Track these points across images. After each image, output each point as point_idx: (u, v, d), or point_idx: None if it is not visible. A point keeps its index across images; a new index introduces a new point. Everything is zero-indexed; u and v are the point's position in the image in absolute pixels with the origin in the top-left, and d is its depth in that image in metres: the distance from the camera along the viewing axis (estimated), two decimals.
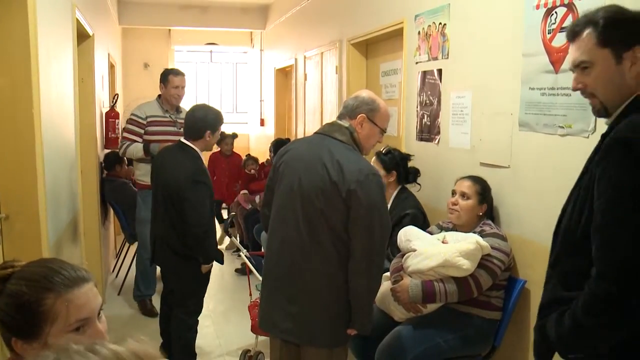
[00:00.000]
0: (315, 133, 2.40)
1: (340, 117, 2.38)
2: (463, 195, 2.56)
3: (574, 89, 1.55)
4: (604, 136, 1.48)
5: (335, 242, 2.18)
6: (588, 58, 1.46)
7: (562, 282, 1.53)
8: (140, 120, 4.21)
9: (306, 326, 2.27)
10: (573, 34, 1.49)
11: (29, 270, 1.16)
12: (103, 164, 5.02)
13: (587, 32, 1.45)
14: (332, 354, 2.30)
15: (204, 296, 3.30)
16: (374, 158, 3.10)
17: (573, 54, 1.50)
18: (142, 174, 4.25)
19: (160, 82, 4.29)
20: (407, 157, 3.11)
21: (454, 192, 2.62)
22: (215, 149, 5.82)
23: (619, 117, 1.45)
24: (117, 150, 4.56)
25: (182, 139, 3.15)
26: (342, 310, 2.25)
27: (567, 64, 1.73)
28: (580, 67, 1.48)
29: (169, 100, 4.27)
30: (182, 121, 4.08)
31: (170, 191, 3.00)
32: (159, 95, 4.33)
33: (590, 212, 1.42)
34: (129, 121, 4.27)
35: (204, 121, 3.09)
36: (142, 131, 4.21)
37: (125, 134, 4.27)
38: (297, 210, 2.22)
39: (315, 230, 2.19)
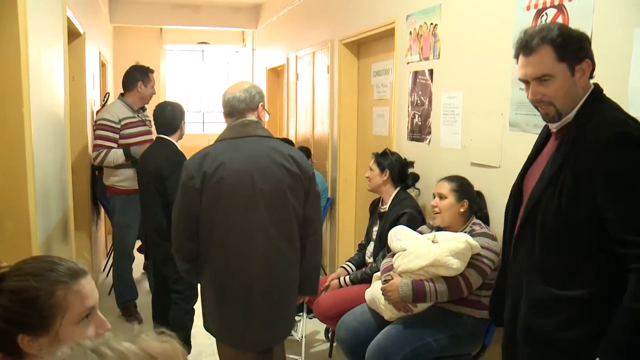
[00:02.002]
0: (231, 138, 2.28)
1: (239, 114, 2.31)
2: (440, 196, 2.61)
3: (534, 100, 1.66)
4: (563, 130, 1.64)
5: (298, 230, 2.33)
6: (550, 72, 1.59)
7: (547, 281, 1.60)
8: (114, 125, 4.00)
9: (284, 327, 2.40)
10: (529, 49, 1.61)
11: (29, 266, 1.16)
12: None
13: (544, 48, 1.59)
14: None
15: (197, 283, 3.33)
16: (372, 160, 3.19)
17: (531, 67, 1.62)
18: (120, 179, 4.10)
19: (138, 81, 4.10)
20: (406, 164, 3.19)
21: (434, 195, 2.66)
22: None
23: (579, 111, 1.61)
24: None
25: (160, 135, 3.32)
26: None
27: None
28: (540, 79, 1.61)
29: (145, 99, 4.15)
30: (149, 119, 4.10)
31: (155, 177, 3.18)
32: (122, 94, 4.16)
33: (589, 209, 1.51)
34: (101, 127, 4.01)
35: (174, 115, 3.35)
36: (117, 136, 4.03)
37: (100, 142, 4.00)
38: (261, 217, 2.22)
39: (287, 227, 2.28)
